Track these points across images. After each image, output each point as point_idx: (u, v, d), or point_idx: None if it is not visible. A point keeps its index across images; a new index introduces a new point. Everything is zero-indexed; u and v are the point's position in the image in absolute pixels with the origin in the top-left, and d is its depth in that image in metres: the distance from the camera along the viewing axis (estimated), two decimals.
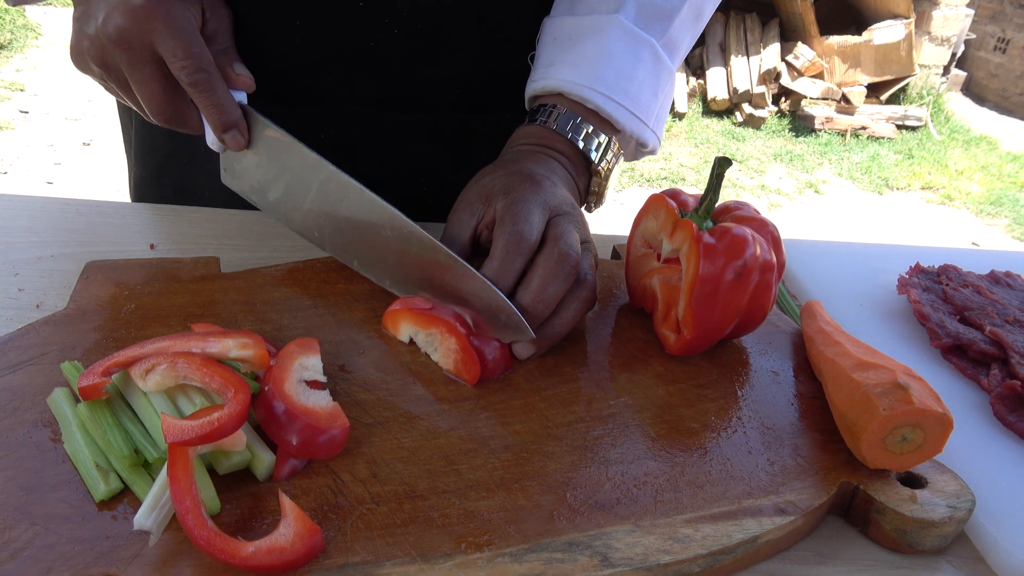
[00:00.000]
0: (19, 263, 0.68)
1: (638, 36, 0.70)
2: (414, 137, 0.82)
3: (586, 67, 0.68)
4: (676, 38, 0.72)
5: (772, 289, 0.61)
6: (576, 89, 0.68)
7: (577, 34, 0.70)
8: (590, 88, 0.68)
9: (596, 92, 0.68)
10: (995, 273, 0.80)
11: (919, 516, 0.49)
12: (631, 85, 0.69)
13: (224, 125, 0.63)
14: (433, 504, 0.47)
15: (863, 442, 0.51)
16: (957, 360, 0.68)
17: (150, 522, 0.41)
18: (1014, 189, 4.75)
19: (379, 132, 0.81)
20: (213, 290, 0.64)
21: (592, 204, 0.72)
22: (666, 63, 0.72)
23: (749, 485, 0.51)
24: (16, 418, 0.49)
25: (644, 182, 4.22)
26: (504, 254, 0.58)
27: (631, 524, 0.47)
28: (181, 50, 0.60)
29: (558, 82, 0.69)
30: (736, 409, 0.58)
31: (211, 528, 0.41)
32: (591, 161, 0.69)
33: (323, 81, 0.77)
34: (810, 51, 5.15)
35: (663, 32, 0.71)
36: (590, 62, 0.68)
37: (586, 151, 0.69)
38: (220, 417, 0.44)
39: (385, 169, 0.83)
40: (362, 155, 0.81)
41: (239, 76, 0.65)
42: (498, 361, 0.58)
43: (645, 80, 0.70)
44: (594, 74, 0.68)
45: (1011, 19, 6.15)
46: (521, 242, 0.58)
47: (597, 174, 0.70)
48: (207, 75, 0.61)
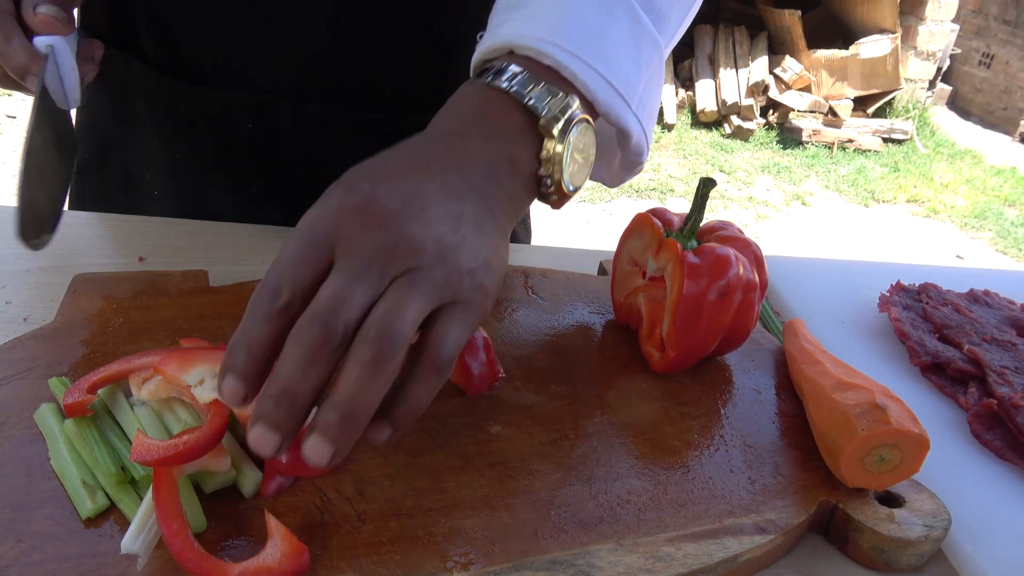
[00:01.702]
0: (6, 275, 0.68)
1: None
2: (340, 133, 0.80)
3: (542, 21, 0.52)
4: (659, 2, 0.57)
5: (755, 308, 0.62)
6: (530, 43, 0.51)
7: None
8: (547, 41, 0.50)
9: (554, 45, 0.50)
10: (974, 292, 0.81)
11: (896, 535, 0.50)
12: (604, 45, 0.52)
13: (16, 71, 0.60)
14: (419, 522, 0.47)
15: (842, 461, 0.52)
16: (936, 378, 0.69)
17: (137, 546, 0.41)
18: (998, 203, 4.81)
19: (307, 126, 0.80)
20: (201, 304, 0.64)
21: (549, 187, 0.50)
22: (648, 29, 0.55)
23: (730, 504, 0.52)
24: (2, 433, 0.49)
25: (633, 193, 4.25)
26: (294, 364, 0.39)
27: (614, 543, 0.48)
28: None
29: (508, 37, 0.52)
30: (719, 427, 0.59)
31: (198, 550, 0.41)
32: (537, 115, 0.49)
33: (252, 70, 0.77)
34: (798, 64, 5.21)
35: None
36: (548, 15, 0.52)
37: (534, 106, 0.49)
38: (189, 440, 0.44)
39: (312, 164, 0.82)
40: (291, 148, 0.81)
41: (37, 16, 0.59)
42: (484, 377, 0.59)
43: (621, 43, 0.53)
44: (552, 27, 0.51)
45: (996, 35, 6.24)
46: (324, 343, 0.39)
47: (549, 135, 0.49)
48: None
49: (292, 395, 0.39)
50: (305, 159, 0.82)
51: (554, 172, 0.50)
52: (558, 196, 0.51)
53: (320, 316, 0.39)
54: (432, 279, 0.42)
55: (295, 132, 0.80)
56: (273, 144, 0.81)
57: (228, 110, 0.79)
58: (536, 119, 0.49)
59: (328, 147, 0.82)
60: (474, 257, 0.44)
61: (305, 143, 0.81)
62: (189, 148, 0.82)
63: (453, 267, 0.43)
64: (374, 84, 0.79)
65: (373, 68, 0.78)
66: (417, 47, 0.78)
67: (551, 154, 0.50)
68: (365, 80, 0.79)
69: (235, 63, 0.77)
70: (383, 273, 0.41)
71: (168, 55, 0.78)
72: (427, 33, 0.77)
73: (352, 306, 0.40)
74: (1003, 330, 0.74)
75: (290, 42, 0.75)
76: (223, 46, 0.76)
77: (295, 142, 0.81)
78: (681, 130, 5.07)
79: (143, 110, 0.82)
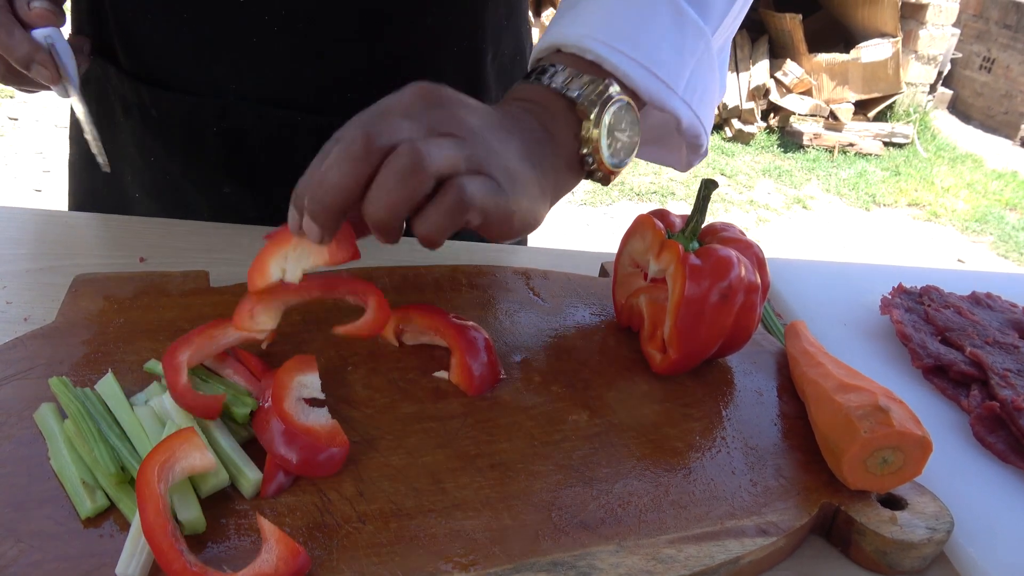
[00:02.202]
0: (7, 275, 0.68)
1: None
2: (303, 137, 0.81)
3: (587, 20, 0.58)
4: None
5: (757, 310, 0.62)
6: (573, 40, 0.57)
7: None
8: (588, 37, 0.57)
9: (595, 40, 0.56)
10: (976, 294, 0.81)
11: (899, 537, 0.50)
12: (643, 36, 0.57)
13: (22, 61, 0.61)
14: (419, 523, 0.47)
15: (844, 463, 0.52)
16: (938, 380, 0.69)
17: (131, 569, 0.41)
18: (999, 207, 4.81)
19: (269, 129, 0.81)
20: (202, 304, 0.64)
21: (592, 164, 0.57)
22: (692, 17, 0.59)
23: (732, 506, 0.52)
24: (3, 433, 0.49)
25: (634, 196, 4.25)
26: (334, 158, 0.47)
27: (615, 544, 0.47)
28: None
29: (555, 37, 0.59)
30: (720, 429, 0.59)
31: (193, 566, 0.41)
32: (572, 101, 0.56)
33: (211, 74, 0.78)
34: (799, 68, 5.21)
35: None
36: (593, 15, 0.58)
37: (569, 95, 0.56)
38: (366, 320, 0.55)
39: (279, 164, 0.83)
40: (256, 150, 0.82)
41: (32, 10, 0.62)
42: (485, 378, 0.59)
43: (663, 35, 0.58)
44: (595, 25, 0.57)
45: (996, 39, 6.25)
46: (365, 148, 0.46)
47: (585, 117, 0.55)
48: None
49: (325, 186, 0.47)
50: (271, 160, 0.83)
51: (594, 150, 0.56)
52: (603, 172, 0.57)
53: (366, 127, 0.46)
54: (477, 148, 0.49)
55: (259, 135, 0.81)
56: (239, 146, 0.82)
57: (194, 114, 0.80)
58: (575, 104, 0.55)
59: (292, 149, 0.82)
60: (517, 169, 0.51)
61: (269, 145, 0.82)
62: (162, 150, 0.84)
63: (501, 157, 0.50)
64: (332, 90, 0.79)
65: (330, 76, 0.79)
66: (370, 58, 0.79)
67: (588, 134, 0.56)
68: (322, 87, 0.79)
69: (197, 70, 0.78)
70: (427, 123, 0.48)
71: (137, 62, 0.80)
72: (379, 44, 0.78)
73: (401, 130, 0.47)
74: (1005, 332, 0.74)
75: (248, 49, 0.76)
76: (185, 54, 0.78)
77: (260, 144, 0.82)
78: None
79: (120, 113, 0.84)
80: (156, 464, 0.44)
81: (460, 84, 0.85)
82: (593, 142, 0.56)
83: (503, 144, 0.51)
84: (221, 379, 0.54)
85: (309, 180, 0.48)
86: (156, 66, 0.79)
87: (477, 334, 0.60)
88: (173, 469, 0.44)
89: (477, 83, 0.87)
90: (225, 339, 0.56)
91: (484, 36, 0.84)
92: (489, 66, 0.87)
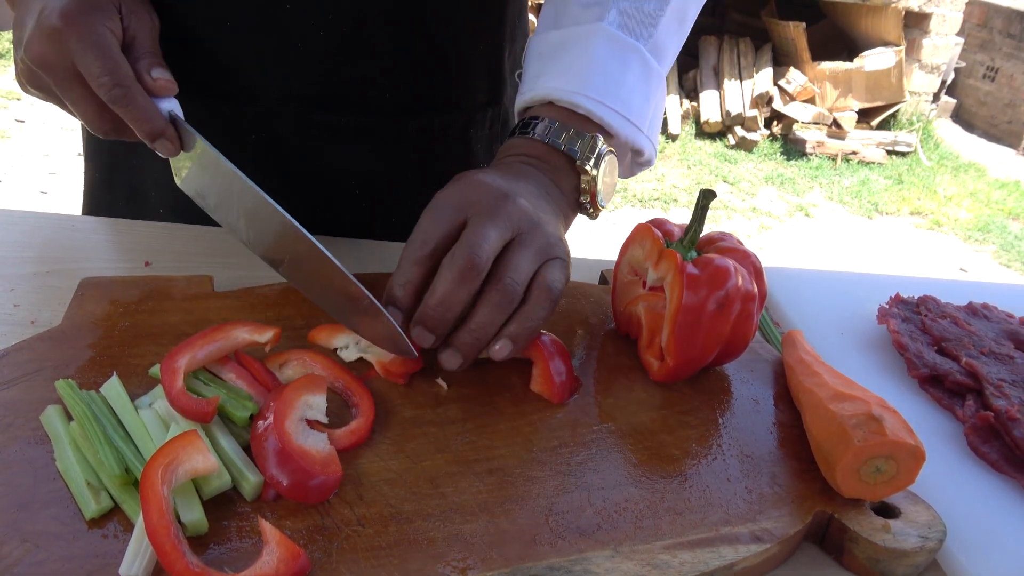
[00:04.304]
0: (14, 279, 0.69)
1: (624, 42, 0.70)
2: (343, 138, 0.83)
3: (574, 74, 0.68)
4: (662, 42, 0.73)
5: (754, 319, 0.63)
6: (565, 95, 0.68)
7: (562, 46, 0.71)
8: (579, 94, 0.67)
9: (586, 97, 0.67)
10: (973, 305, 0.81)
11: (891, 546, 0.51)
12: (621, 90, 0.69)
13: (150, 135, 0.63)
14: (418, 527, 0.48)
15: (838, 472, 0.52)
16: (934, 390, 0.70)
17: (135, 569, 0.42)
18: (1002, 216, 4.81)
19: (309, 132, 0.82)
20: (207, 309, 0.65)
21: (588, 206, 0.69)
22: (655, 68, 0.72)
23: (727, 512, 0.52)
24: (9, 435, 0.50)
25: (636, 202, 4.26)
26: (449, 283, 0.56)
27: (611, 550, 0.48)
28: (97, 67, 0.60)
29: (547, 91, 0.69)
30: (716, 436, 0.59)
31: (195, 567, 0.41)
32: (574, 159, 0.67)
33: (252, 79, 0.79)
34: (802, 76, 5.22)
35: (649, 37, 0.71)
36: (577, 70, 0.68)
37: (568, 151, 0.67)
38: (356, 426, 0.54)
39: (316, 171, 0.84)
40: (293, 155, 0.83)
41: (157, 81, 0.63)
42: (566, 385, 0.61)
43: (635, 85, 0.70)
44: (582, 80, 0.68)
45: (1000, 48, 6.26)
46: (470, 270, 0.56)
47: (584, 172, 0.67)
48: (124, 89, 0.60)
49: (446, 305, 0.56)
50: (307, 166, 0.84)
51: (593, 202, 0.69)
52: (595, 210, 0.70)
53: (467, 247, 0.56)
54: (538, 240, 0.60)
55: (298, 140, 0.82)
56: (276, 153, 0.83)
57: (231, 122, 0.81)
58: (573, 160, 0.67)
59: (329, 153, 0.83)
60: (557, 233, 0.63)
61: (307, 150, 0.83)
62: None
63: (551, 234, 0.61)
64: (369, 90, 0.81)
65: (368, 76, 0.80)
66: (405, 57, 0.80)
67: (587, 185, 0.68)
68: (359, 87, 0.80)
69: (238, 76, 0.79)
70: (507, 227, 0.58)
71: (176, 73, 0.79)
72: (415, 43, 0.79)
73: (489, 244, 0.57)
74: (1001, 343, 0.74)
75: (292, 53, 0.77)
76: (229, 60, 0.78)
77: (298, 150, 0.83)
78: (685, 141, 5.08)
79: None
80: (160, 466, 0.44)
81: (484, 81, 0.91)
82: (590, 191, 0.68)
83: (545, 213, 0.63)
84: (223, 383, 0.55)
85: (436, 295, 0.56)
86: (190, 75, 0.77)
87: (555, 344, 0.62)
88: (176, 471, 0.45)
89: (498, 78, 0.90)
90: (227, 343, 0.57)
91: (504, 32, 0.87)
92: (506, 62, 0.90)
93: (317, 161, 0.84)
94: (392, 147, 0.85)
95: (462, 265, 0.56)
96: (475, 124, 0.89)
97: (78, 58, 0.60)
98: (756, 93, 5.15)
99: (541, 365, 0.60)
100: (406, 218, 0.87)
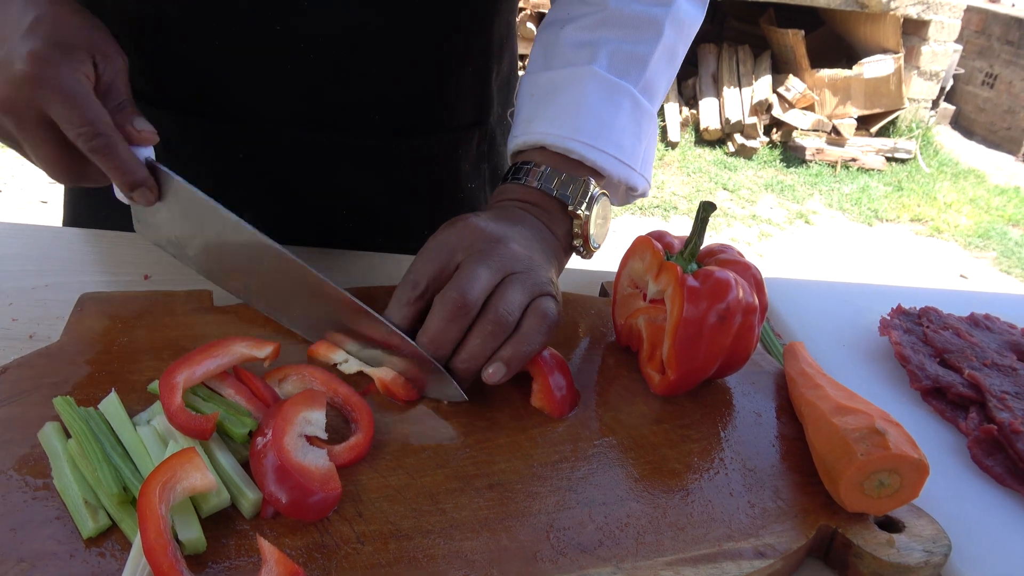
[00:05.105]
0: (13, 292, 0.69)
1: (615, 84, 0.71)
2: (332, 159, 0.83)
3: (566, 119, 0.69)
4: (652, 82, 0.74)
5: (755, 331, 0.63)
6: (558, 141, 0.69)
7: (554, 88, 0.71)
8: (572, 139, 0.69)
9: (578, 142, 0.69)
10: (975, 316, 0.81)
11: (896, 561, 0.50)
12: (613, 132, 0.70)
13: (130, 185, 0.61)
14: (418, 544, 0.47)
15: (841, 486, 0.52)
16: (936, 403, 0.69)
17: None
18: (1002, 222, 4.81)
19: (298, 153, 0.82)
20: (206, 324, 0.65)
21: (581, 249, 0.71)
22: (646, 107, 0.73)
23: (730, 528, 0.52)
24: (7, 452, 0.50)
25: (636, 210, 4.26)
26: (441, 321, 0.58)
27: (612, 566, 0.48)
28: (76, 117, 0.56)
29: (540, 136, 0.70)
30: (719, 450, 0.59)
31: None
32: (566, 203, 0.68)
33: (241, 101, 0.79)
34: (801, 83, 5.23)
35: (639, 77, 0.72)
36: (569, 114, 0.69)
37: (561, 196, 0.68)
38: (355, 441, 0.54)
39: (305, 189, 0.85)
40: (282, 174, 0.83)
41: (140, 133, 0.62)
42: (566, 399, 0.60)
43: (626, 127, 0.71)
44: (574, 125, 0.69)
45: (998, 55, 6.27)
46: (460, 308, 0.57)
47: (576, 216, 0.68)
48: (106, 138, 0.58)
49: (438, 343, 0.58)
50: (296, 185, 0.84)
51: (585, 244, 0.70)
52: (587, 251, 0.71)
53: (458, 288, 0.57)
54: (530, 280, 0.60)
55: (287, 159, 0.82)
56: (264, 172, 0.83)
57: (220, 140, 0.81)
58: (566, 205, 0.68)
59: (319, 172, 0.84)
60: (549, 273, 0.63)
61: (297, 170, 0.83)
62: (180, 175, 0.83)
63: (543, 276, 0.62)
64: (357, 113, 0.81)
65: (356, 99, 0.80)
66: (394, 82, 0.80)
67: (580, 229, 0.69)
68: (348, 110, 0.81)
69: (227, 96, 0.79)
70: (499, 268, 0.59)
71: (156, 89, 0.80)
72: (403, 69, 0.80)
73: (480, 284, 0.58)
74: (1004, 355, 0.74)
75: (281, 75, 0.77)
76: (216, 81, 0.78)
77: (287, 169, 0.83)
78: (685, 148, 5.09)
79: None
80: (158, 484, 0.44)
81: (472, 102, 0.90)
82: (583, 234, 0.69)
83: (537, 255, 0.63)
84: (222, 399, 0.55)
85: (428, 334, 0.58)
86: (180, 94, 0.79)
87: (555, 358, 0.61)
88: (174, 489, 0.45)
89: (484, 100, 0.90)
90: (226, 358, 0.56)
91: (491, 55, 0.87)
92: (494, 83, 0.90)
93: (307, 180, 0.84)
94: (382, 167, 0.85)
95: (453, 303, 0.57)
96: (462, 144, 0.90)
97: (51, 107, 0.56)
98: (755, 100, 5.16)
99: (541, 379, 0.60)
100: (395, 234, 0.88)
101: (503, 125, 0.95)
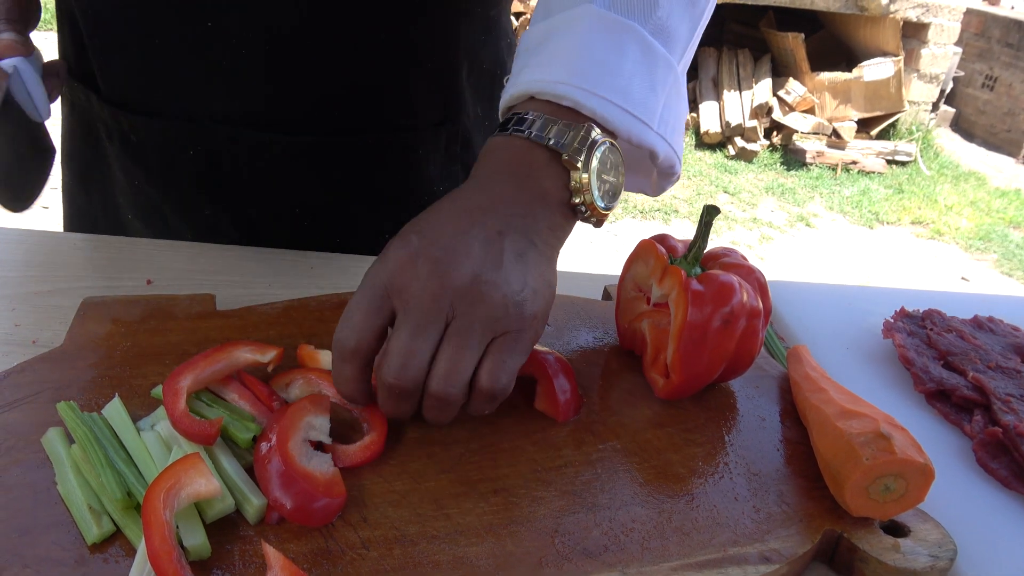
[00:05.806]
0: (15, 298, 0.69)
1: (617, 22, 0.58)
2: (278, 157, 0.82)
3: (558, 64, 0.57)
4: (666, 22, 0.60)
5: (759, 335, 0.62)
6: (548, 87, 0.56)
7: (548, 34, 0.60)
8: (564, 83, 0.56)
9: (572, 87, 0.56)
10: (978, 318, 0.81)
11: (901, 565, 0.50)
12: (616, 78, 0.57)
13: None
14: (423, 550, 0.47)
15: (846, 490, 0.52)
16: (941, 405, 0.69)
17: None
18: (1002, 225, 4.81)
19: (245, 151, 0.81)
20: (209, 328, 0.64)
21: (584, 210, 0.57)
22: (660, 52, 0.59)
23: (735, 532, 0.52)
24: (10, 458, 0.50)
25: (637, 213, 4.26)
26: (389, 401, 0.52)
27: (617, 572, 0.47)
28: None
29: (527, 84, 0.57)
30: (723, 454, 0.59)
31: None
32: (559, 152, 0.55)
33: (183, 98, 0.79)
34: (801, 87, 5.24)
35: (648, 16, 0.59)
36: (563, 58, 0.57)
37: (553, 145, 0.55)
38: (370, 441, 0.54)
39: (253, 188, 0.84)
40: (231, 172, 0.83)
41: (1, 41, 0.63)
42: (570, 404, 0.60)
43: (634, 72, 0.57)
44: (568, 68, 0.56)
45: (998, 57, 6.28)
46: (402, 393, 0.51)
47: (573, 167, 0.55)
48: None
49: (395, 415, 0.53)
50: (246, 181, 0.84)
51: (585, 197, 0.56)
52: (595, 216, 0.58)
53: (392, 373, 0.50)
54: (480, 321, 0.50)
55: (234, 156, 0.82)
56: (215, 168, 0.83)
57: (169, 138, 0.81)
58: (560, 155, 0.55)
59: (266, 169, 0.83)
60: (519, 288, 0.52)
61: (244, 166, 0.83)
62: (143, 174, 0.85)
63: (498, 302, 0.50)
64: (308, 111, 0.80)
65: (306, 98, 0.79)
66: (346, 80, 0.79)
67: (579, 183, 0.56)
68: (298, 108, 0.80)
69: (172, 95, 0.79)
70: (437, 322, 0.50)
71: (115, 89, 0.81)
72: (355, 66, 0.79)
73: (417, 362, 0.50)
74: (1008, 357, 0.74)
75: (223, 74, 0.77)
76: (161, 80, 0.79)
77: (235, 165, 0.83)
78: (685, 152, 5.09)
79: (104, 139, 0.86)
80: (162, 490, 0.44)
81: (437, 99, 0.86)
82: (584, 190, 0.56)
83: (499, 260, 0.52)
84: (225, 403, 0.55)
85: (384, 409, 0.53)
86: (133, 92, 0.80)
87: (559, 362, 0.61)
88: (179, 495, 0.45)
89: (452, 98, 0.86)
90: (230, 363, 0.56)
91: (459, 52, 0.84)
92: (465, 81, 0.87)
93: (254, 179, 0.83)
94: (329, 166, 0.83)
95: (390, 389, 0.51)
96: (425, 143, 0.86)
97: None
98: (755, 104, 5.17)
99: (545, 383, 0.60)
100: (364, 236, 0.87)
101: (483, 127, 0.91)
